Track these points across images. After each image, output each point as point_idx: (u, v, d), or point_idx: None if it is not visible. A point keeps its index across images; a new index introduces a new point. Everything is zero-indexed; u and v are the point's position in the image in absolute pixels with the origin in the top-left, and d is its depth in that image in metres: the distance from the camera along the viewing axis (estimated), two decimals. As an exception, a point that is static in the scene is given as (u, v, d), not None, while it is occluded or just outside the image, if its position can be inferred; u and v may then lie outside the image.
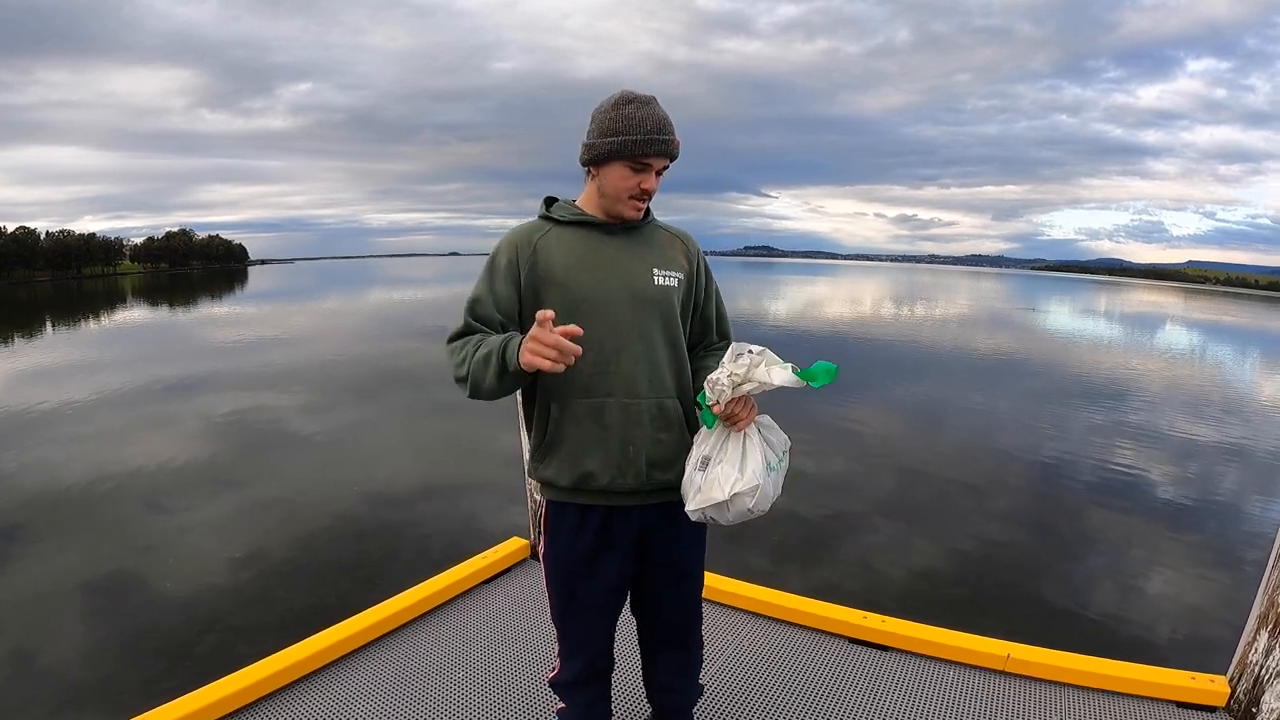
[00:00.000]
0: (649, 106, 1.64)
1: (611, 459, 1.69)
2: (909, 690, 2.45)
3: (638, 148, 1.62)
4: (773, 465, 1.66)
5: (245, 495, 7.40)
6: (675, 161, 1.72)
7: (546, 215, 1.77)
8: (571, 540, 1.79)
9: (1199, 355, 23.83)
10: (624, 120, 1.62)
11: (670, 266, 1.77)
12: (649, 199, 1.71)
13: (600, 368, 1.68)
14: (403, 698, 2.44)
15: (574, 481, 1.72)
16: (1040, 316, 37.90)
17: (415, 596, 2.97)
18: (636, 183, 1.65)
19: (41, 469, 8.23)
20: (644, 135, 1.61)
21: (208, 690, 2.32)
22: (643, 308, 1.71)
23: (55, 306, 46.59)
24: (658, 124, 1.63)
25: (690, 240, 1.86)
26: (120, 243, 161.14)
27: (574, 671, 1.93)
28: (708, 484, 1.63)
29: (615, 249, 1.73)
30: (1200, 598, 5.46)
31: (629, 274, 1.71)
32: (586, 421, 1.69)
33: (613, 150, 1.63)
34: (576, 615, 1.87)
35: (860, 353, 19.32)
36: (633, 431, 1.69)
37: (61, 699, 4.04)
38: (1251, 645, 2.24)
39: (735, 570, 3.22)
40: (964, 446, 9.74)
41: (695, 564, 1.92)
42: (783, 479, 1.70)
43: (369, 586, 5.04)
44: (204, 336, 23.96)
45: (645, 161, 1.64)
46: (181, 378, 14.37)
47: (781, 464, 1.69)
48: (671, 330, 1.76)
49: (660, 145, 1.63)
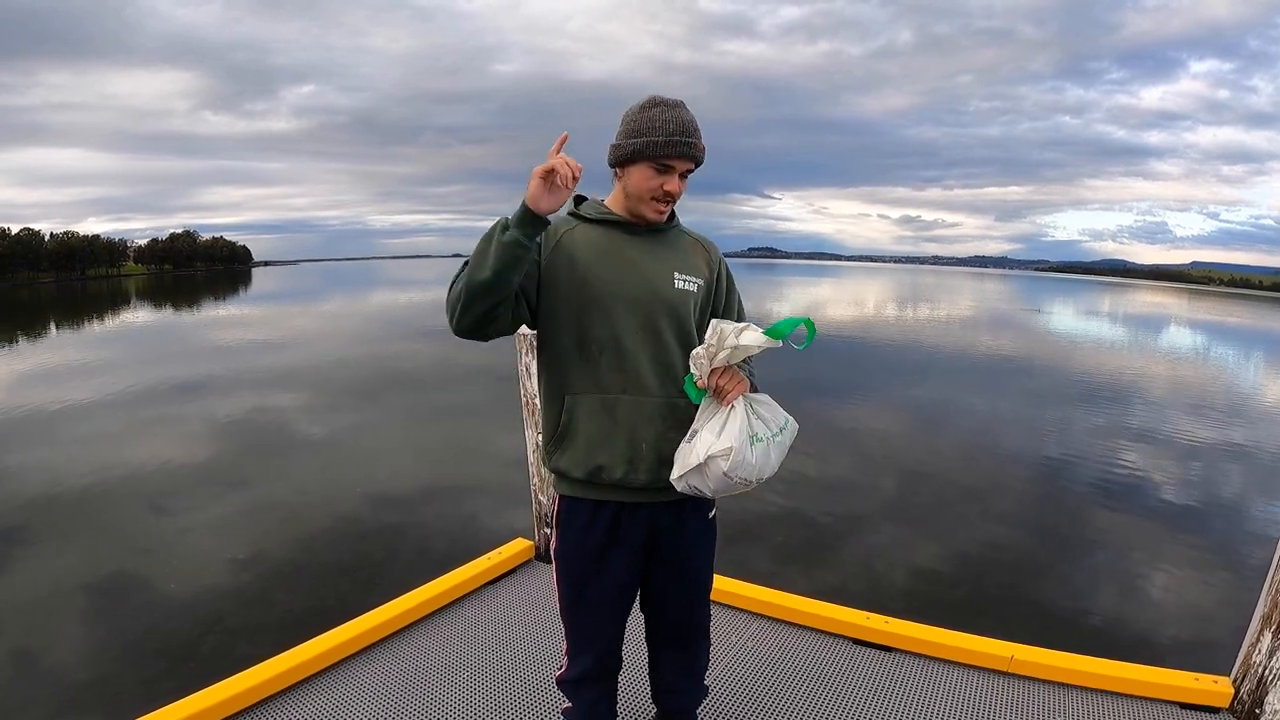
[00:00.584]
0: (675, 110, 1.66)
1: (623, 454, 1.71)
2: (912, 691, 2.45)
3: (660, 149, 1.63)
4: (760, 435, 1.65)
5: (247, 496, 7.41)
6: (701, 166, 1.73)
7: (575, 212, 1.80)
8: (582, 536, 1.80)
9: (1203, 356, 23.78)
10: (649, 122, 1.64)
11: (691, 272, 1.78)
12: (672, 201, 1.72)
13: (614, 363, 1.70)
14: (408, 698, 2.44)
15: (587, 474, 1.73)
16: (1045, 318, 37.84)
17: (420, 597, 2.97)
18: (659, 184, 1.67)
19: (44, 470, 8.24)
20: (666, 137, 1.63)
21: (210, 691, 2.32)
22: (660, 309, 1.72)
23: (59, 308, 46.70)
24: (681, 127, 1.64)
25: (714, 248, 1.88)
26: (124, 244, 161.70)
27: (582, 669, 1.94)
28: (689, 452, 1.65)
29: (638, 249, 1.75)
30: (1203, 598, 5.44)
31: (650, 274, 1.73)
32: (599, 414, 1.71)
33: (636, 151, 1.65)
34: (585, 612, 1.88)
35: (864, 354, 19.31)
36: (644, 428, 1.71)
37: (62, 700, 4.04)
38: (1255, 646, 2.24)
39: (739, 571, 3.23)
40: (967, 448, 9.72)
41: (703, 564, 1.92)
42: (778, 455, 1.69)
43: (370, 588, 5.04)
44: (207, 338, 23.99)
45: (668, 163, 1.66)
46: (184, 379, 14.38)
47: (776, 439, 1.68)
48: (685, 333, 1.77)
49: (683, 147, 1.64)
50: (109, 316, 37.11)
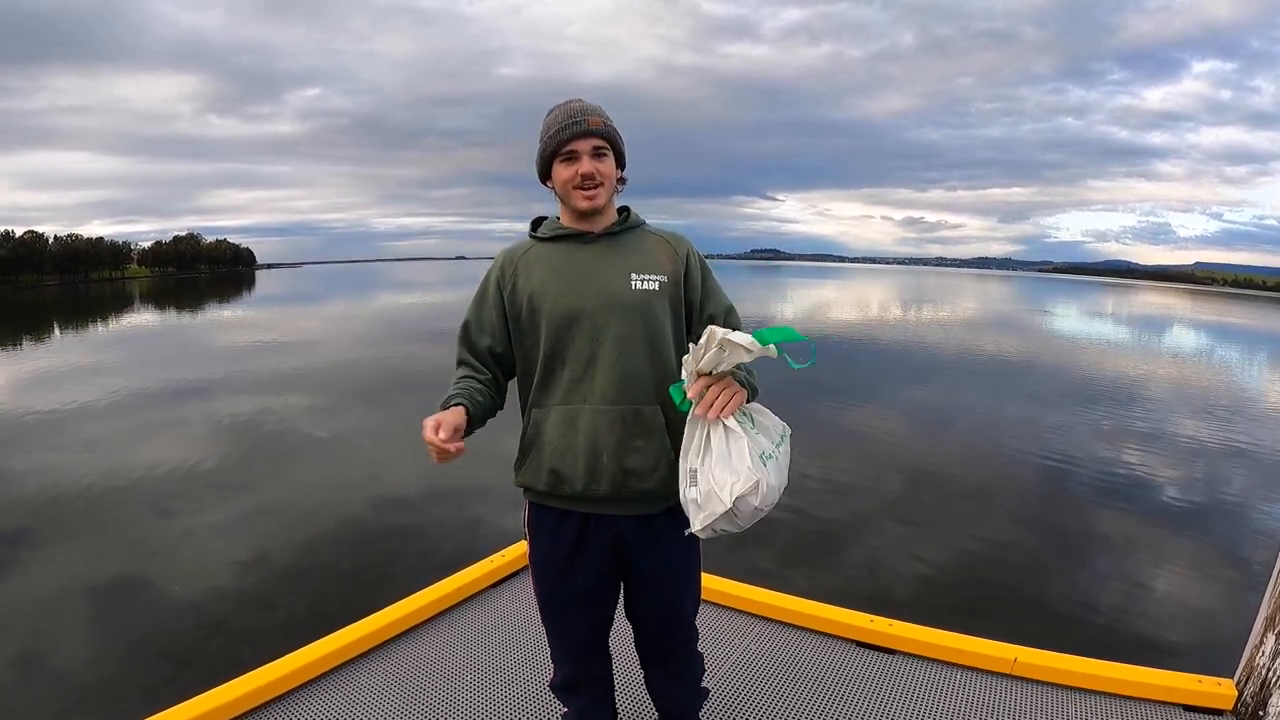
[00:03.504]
0: (566, 104, 1.72)
1: (582, 465, 1.69)
2: (916, 694, 2.45)
3: (556, 139, 1.68)
4: (768, 453, 1.55)
5: (251, 498, 7.42)
6: (619, 145, 1.74)
7: (532, 234, 1.83)
8: (550, 544, 1.81)
9: (1207, 357, 23.72)
10: (545, 125, 1.72)
11: (650, 270, 1.75)
12: (597, 185, 1.70)
13: (576, 374, 1.71)
14: (411, 702, 2.44)
15: (548, 486, 1.74)
16: (1051, 319, 37.79)
17: (422, 601, 2.97)
18: (573, 172, 1.69)
19: (48, 472, 8.26)
20: (558, 126, 1.68)
21: (214, 694, 2.33)
22: (620, 314, 1.70)
23: (63, 310, 46.79)
24: (569, 113, 1.69)
25: (680, 241, 1.83)
26: (128, 247, 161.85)
27: (565, 675, 1.96)
28: (705, 498, 1.52)
29: (592, 257, 1.75)
30: (1207, 600, 5.43)
31: (604, 281, 1.72)
32: (561, 426, 1.72)
33: (543, 153, 1.72)
34: (559, 619, 1.89)
35: (868, 355, 19.30)
36: (604, 438, 1.69)
37: (67, 702, 4.06)
38: (1259, 648, 2.23)
39: (742, 573, 3.22)
40: (971, 448, 9.71)
41: (679, 578, 1.88)
42: (786, 466, 1.61)
43: (374, 591, 5.04)
44: (211, 340, 24.03)
45: (571, 149, 1.68)
46: (188, 382, 14.40)
47: (780, 449, 1.60)
48: (653, 335, 1.73)
49: (574, 128, 1.67)
50: (112, 319, 37.18)
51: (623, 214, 1.81)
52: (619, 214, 1.81)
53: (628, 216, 1.81)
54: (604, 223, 1.77)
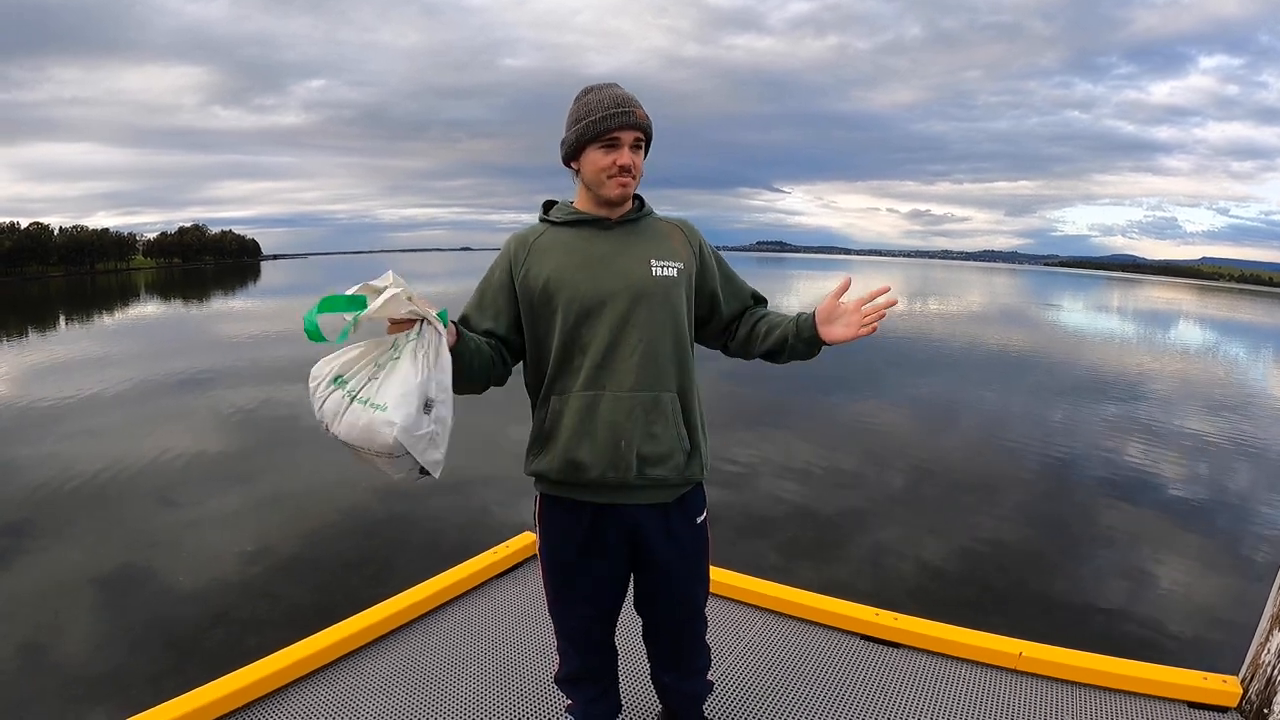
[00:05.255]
0: (609, 89, 1.68)
1: (602, 451, 1.68)
2: (921, 688, 2.44)
3: (601, 124, 1.64)
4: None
5: (255, 489, 7.44)
6: (651, 139, 1.73)
7: (545, 218, 1.80)
8: (562, 535, 1.80)
9: (1213, 353, 23.63)
10: (586, 107, 1.66)
11: (669, 256, 1.75)
12: (631, 175, 1.69)
13: (596, 361, 1.68)
14: (415, 692, 2.44)
15: (564, 473, 1.72)
16: (1057, 313, 37.64)
17: (426, 591, 2.97)
18: (612, 160, 1.66)
19: (52, 463, 8.28)
20: (604, 112, 1.64)
21: (217, 684, 2.33)
22: (642, 301, 1.69)
23: (68, 301, 46.87)
24: (616, 100, 1.65)
25: (689, 228, 1.84)
26: (133, 238, 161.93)
27: (571, 668, 1.95)
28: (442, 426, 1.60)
29: (611, 245, 1.73)
30: (1212, 597, 5.41)
31: (626, 269, 1.71)
32: (580, 413, 1.69)
33: (581, 135, 1.66)
34: (568, 610, 1.88)
35: (873, 348, 19.23)
36: (623, 424, 1.68)
37: (71, 692, 4.07)
38: (1264, 646, 2.22)
39: (747, 566, 3.22)
40: (977, 442, 9.70)
41: (691, 570, 1.88)
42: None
43: (377, 581, 5.04)
44: (216, 331, 24.09)
45: (614, 137, 1.65)
46: (193, 372, 14.44)
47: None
48: (675, 321, 1.74)
49: (622, 117, 1.64)
50: (118, 310, 37.26)
51: (636, 202, 1.80)
52: (633, 201, 1.80)
53: (642, 204, 1.80)
54: (622, 210, 1.76)
